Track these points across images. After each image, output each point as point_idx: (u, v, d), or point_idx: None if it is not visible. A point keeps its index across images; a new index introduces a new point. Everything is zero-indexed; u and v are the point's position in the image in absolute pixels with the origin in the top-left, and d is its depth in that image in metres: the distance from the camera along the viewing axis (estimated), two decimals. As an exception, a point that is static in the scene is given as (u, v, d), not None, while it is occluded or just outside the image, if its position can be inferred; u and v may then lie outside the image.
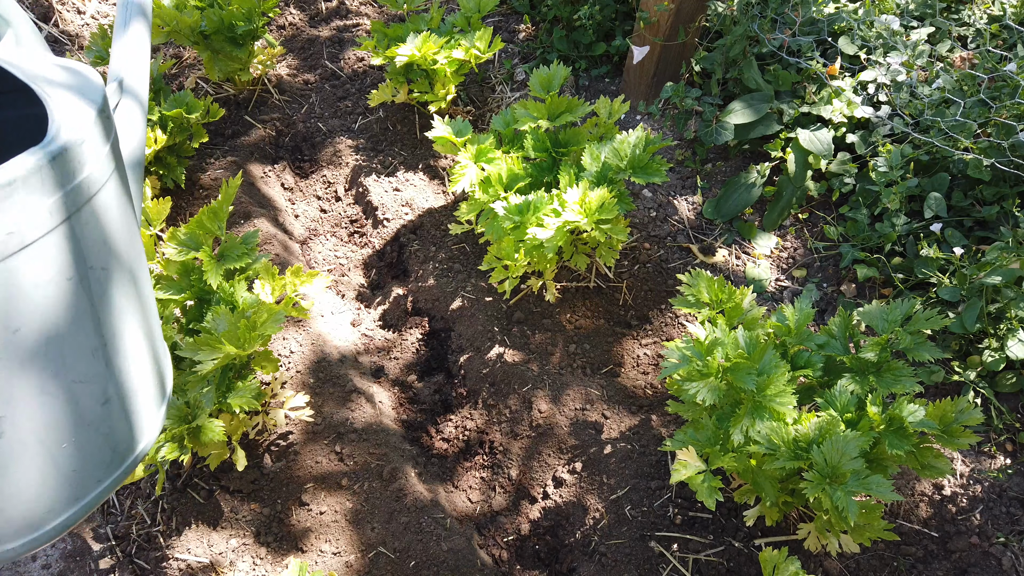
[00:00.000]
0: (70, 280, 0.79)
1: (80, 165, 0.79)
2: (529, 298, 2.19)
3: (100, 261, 0.84)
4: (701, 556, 1.71)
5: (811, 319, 1.57)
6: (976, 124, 2.03)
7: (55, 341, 0.79)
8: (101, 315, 0.85)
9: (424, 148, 2.63)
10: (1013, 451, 1.84)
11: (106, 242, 0.85)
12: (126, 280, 0.90)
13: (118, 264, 0.88)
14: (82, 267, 0.81)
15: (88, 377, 0.84)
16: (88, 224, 0.81)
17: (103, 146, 0.84)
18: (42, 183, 0.73)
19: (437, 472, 1.93)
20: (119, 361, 0.89)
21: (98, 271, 0.84)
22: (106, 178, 0.84)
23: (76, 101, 0.84)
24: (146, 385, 0.96)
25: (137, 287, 0.94)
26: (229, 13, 2.39)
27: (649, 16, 2.43)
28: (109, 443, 0.89)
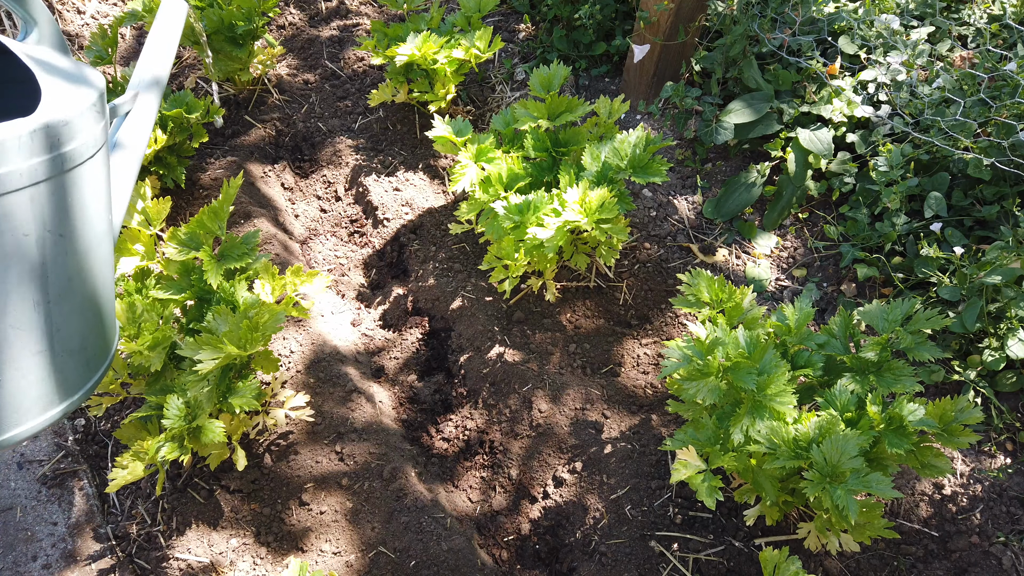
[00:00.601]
0: (27, 236, 0.89)
1: (57, 143, 0.90)
2: (529, 298, 2.19)
3: (59, 229, 0.94)
4: (701, 556, 1.71)
5: (811, 318, 1.57)
6: (976, 123, 2.03)
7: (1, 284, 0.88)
8: (51, 275, 0.94)
9: (424, 148, 2.63)
10: (1013, 450, 1.84)
11: (68, 214, 0.95)
12: (83, 252, 0.99)
13: (78, 236, 0.97)
14: (40, 229, 0.90)
15: (24, 325, 0.93)
16: (54, 194, 0.91)
17: (85, 133, 0.95)
18: (19, 149, 0.85)
19: (437, 472, 1.93)
20: (59, 321, 0.97)
21: (56, 236, 0.93)
22: (81, 161, 0.95)
23: (71, 92, 0.95)
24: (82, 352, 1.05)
25: (95, 261, 1.03)
26: (229, 13, 2.39)
27: (649, 16, 2.43)
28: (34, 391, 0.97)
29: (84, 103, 0.96)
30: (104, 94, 1.03)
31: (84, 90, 0.99)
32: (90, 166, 0.98)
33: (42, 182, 0.89)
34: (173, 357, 1.66)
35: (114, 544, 1.71)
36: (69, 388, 1.02)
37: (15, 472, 1.80)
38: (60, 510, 1.74)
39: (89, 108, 0.96)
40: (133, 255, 1.70)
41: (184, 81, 2.79)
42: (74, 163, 0.94)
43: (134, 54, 2.89)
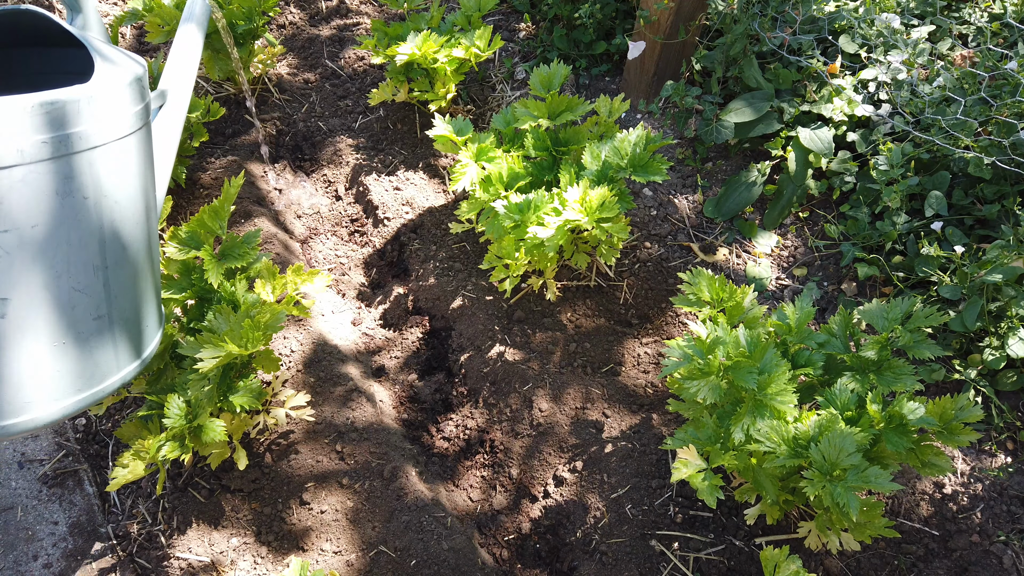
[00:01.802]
0: (87, 200, 0.94)
1: (113, 111, 0.96)
2: (530, 297, 2.19)
3: (115, 195, 0.99)
4: (702, 555, 1.71)
5: (812, 318, 1.57)
6: (977, 122, 2.03)
7: (64, 246, 0.93)
8: (107, 240, 0.98)
9: (424, 147, 2.63)
10: (1014, 449, 1.84)
11: (124, 182, 1.01)
12: (135, 223, 1.04)
13: (131, 206, 1.02)
14: (98, 193, 0.96)
15: (86, 288, 0.97)
16: (111, 160, 0.97)
17: (134, 105, 1.02)
18: (79, 112, 0.91)
19: (438, 471, 1.94)
20: (116, 288, 1.02)
21: (112, 202, 0.98)
22: (132, 131, 1.01)
23: (121, 68, 1.03)
24: (136, 322, 1.10)
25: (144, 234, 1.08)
26: (229, 12, 2.39)
27: (649, 14, 2.42)
28: (94, 357, 1.01)
29: (132, 75, 1.02)
30: (147, 72, 1.10)
31: (130, 66, 1.05)
32: (140, 136, 1.03)
33: (98, 147, 0.94)
34: (174, 356, 1.66)
35: (115, 543, 1.71)
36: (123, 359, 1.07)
37: (16, 471, 1.80)
38: (61, 509, 1.75)
39: (136, 80, 1.03)
40: (134, 254, 1.70)
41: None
42: (130, 130, 0.99)
43: (135, 53, 2.89)
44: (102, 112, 0.94)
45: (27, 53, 1.17)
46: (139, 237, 1.06)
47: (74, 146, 0.90)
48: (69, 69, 1.10)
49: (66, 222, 0.92)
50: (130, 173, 1.02)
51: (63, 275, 0.94)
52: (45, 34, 1.06)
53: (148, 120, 1.09)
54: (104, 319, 1.00)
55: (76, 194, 0.92)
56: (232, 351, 1.49)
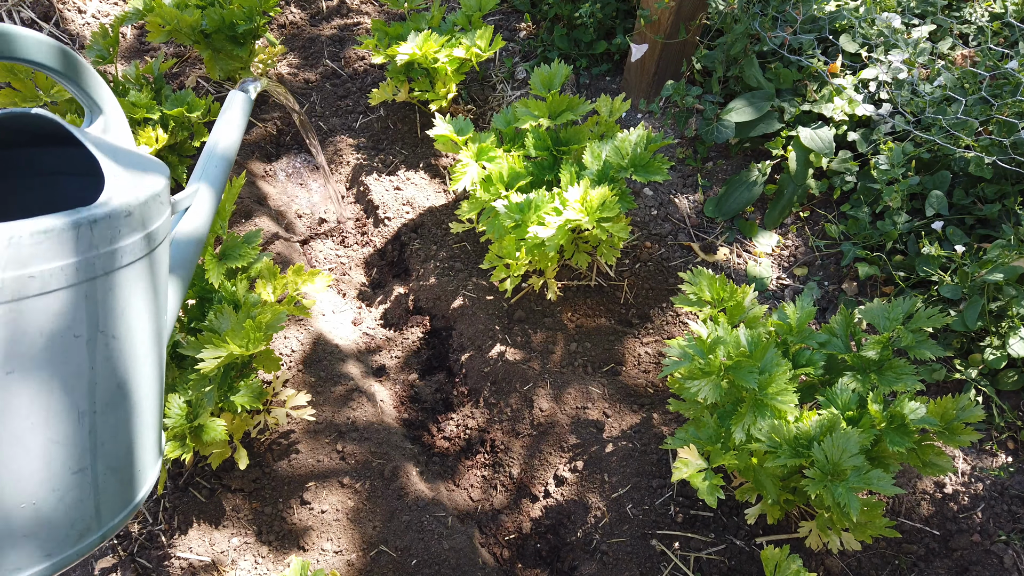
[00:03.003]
0: (77, 338, 0.80)
1: (118, 236, 0.83)
2: (530, 297, 2.19)
3: (112, 330, 0.85)
4: (703, 554, 1.71)
5: (812, 317, 1.57)
6: (978, 122, 2.03)
7: (44, 393, 0.78)
8: (100, 381, 0.84)
9: (425, 147, 2.63)
10: (1014, 449, 1.84)
11: (124, 314, 0.86)
12: (135, 357, 0.90)
13: (131, 338, 0.88)
14: (92, 329, 0.82)
15: (66, 439, 0.82)
16: (111, 291, 0.83)
17: (146, 227, 0.88)
18: (76, 240, 0.77)
19: (438, 470, 1.94)
20: (104, 435, 0.87)
21: (108, 338, 0.84)
22: (141, 255, 0.87)
23: (134, 181, 0.88)
24: (125, 470, 0.92)
25: (145, 367, 0.93)
26: (230, 12, 2.39)
27: (650, 14, 2.42)
28: (69, 517, 0.85)
29: (148, 192, 0.89)
30: (169, 184, 0.96)
31: (149, 179, 0.91)
32: (151, 260, 0.90)
33: (100, 277, 0.81)
34: (175, 356, 1.66)
35: (115, 543, 1.71)
36: (106, 512, 0.90)
37: (17, 471, 1.80)
38: (62, 509, 1.75)
39: (153, 198, 0.89)
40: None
41: (185, 80, 2.79)
42: (135, 256, 0.86)
43: (135, 53, 2.89)
44: (108, 237, 0.81)
45: (42, 152, 1.05)
46: (141, 370, 0.93)
47: (68, 279, 0.77)
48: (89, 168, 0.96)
49: (49, 366, 0.78)
50: (137, 301, 0.89)
51: (39, 427, 0.79)
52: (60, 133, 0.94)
53: (167, 234, 0.97)
54: (86, 471, 0.85)
55: (65, 333, 0.78)
56: (233, 351, 1.49)
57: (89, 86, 0.93)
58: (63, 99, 2.16)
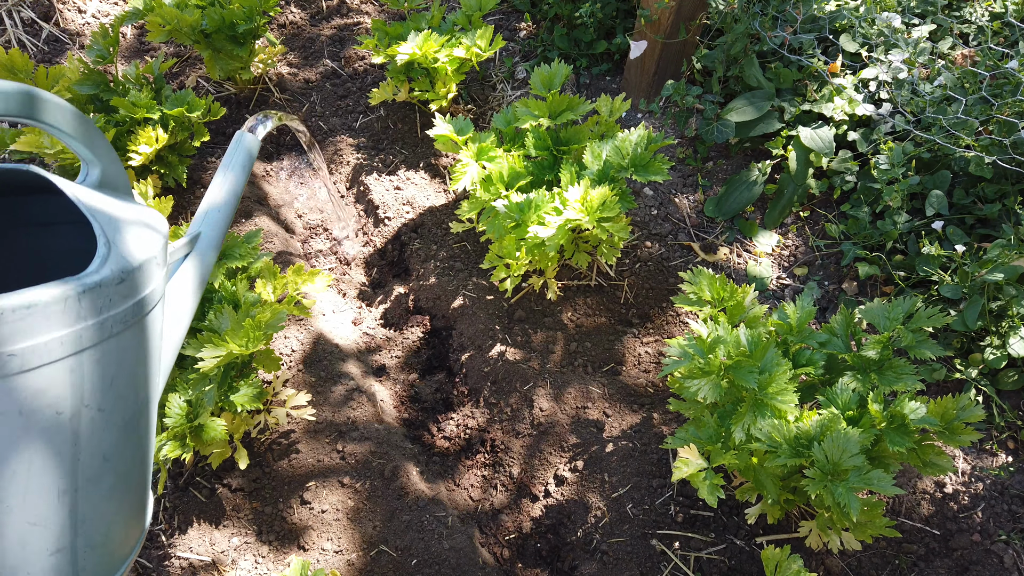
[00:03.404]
0: (60, 415, 0.74)
1: (108, 305, 0.77)
2: (530, 296, 2.19)
3: (99, 402, 0.78)
4: (703, 554, 1.71)
5: (812, 317, 1.57)
6: (978, 121, 2.03)
7: (22, 474, 0.72)
8: (83, 457, 0.78)
9: (425, 147, 2.63)
10: (1015, 449, 1.84)
11: (113, 384, 0.80)
12: (123, 426, 0.84)
13: (119, 409, 0.82)
14: (77, 404, 0.75)
15: (44, 520, 0.76)
16: (99, 362, 0.77)
17: (139, 292, 0.82)
18: (63, 313, 0.71)
19: (438, 470, 1.94)
20: (86, 510, 0.80)
21: (94, 411, 0.78)
22: (133, 322, 0.81)
23: (129, 244, 0.83)
24: (107, 544, 0.85)
25: (134, 434, 0.86)
26: (230, 12, 2.39)
27: (650, 14, 2.42)
28: None
29: (142, 255, 0.83)
30: (167, 243, 0.91)
31: (145, 239, 0.85)
32: (141, 326, 0.84)
33: (86, 350, 0.74)
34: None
35: (116, 543, 1.71)
36: None
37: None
38: (62, 509, 1.75)
39: (147, 261, 0.84)
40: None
41: (185, 80, 2.79)
42: (125, 325, 0.79)
43: (135, 53, 2.89)
44: (97, 307, 0.75)
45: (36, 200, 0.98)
46: (129, 439, 0.85)
47: (53, 355, 0.71)
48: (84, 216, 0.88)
49: (28, 446, 0.72)
50: (128, 369, 0.82)
51: (15, 509, 0.72)
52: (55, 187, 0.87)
53: (163, 293, 0.91)
54: (65, 552, 0.79)
55: (46, 411, 0.72)
56: (233, 351, 1.49)
57: (87, 139, 0.88)
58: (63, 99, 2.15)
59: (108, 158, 0.92)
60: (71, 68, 2.17)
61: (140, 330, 0.84)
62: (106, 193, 0.91)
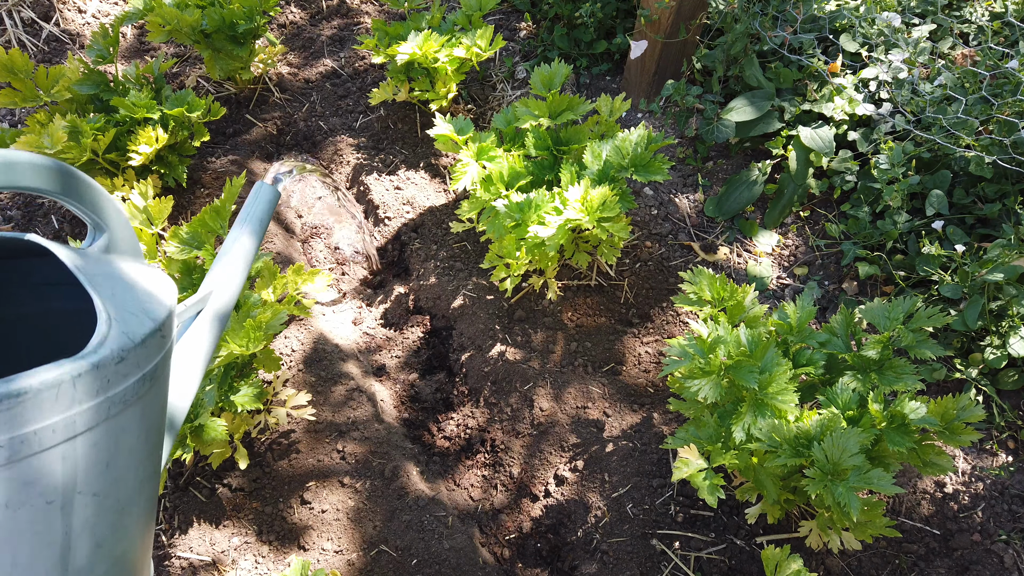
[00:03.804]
0: (50, 504, 0.68)
1: (106, 386, 0.71)
2: (530, 296, 2.19)
3: (93, 487, 0.73)
4: (703, 554, 1.71)
5: (813, 317, 1.57)
6: (978, 121, 2.03)
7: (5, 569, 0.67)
8: (75, 546, 0.72)
9: (425, 146, 2.63)
10: (1015, 448, 1.84)
11: (110, 466, 0.74)
12: (119, 509, 0.78)
13: (116, 491, 0.76)
14: (69, 491, 0.69)
15: None
16: (95, 446, 0.71)
17: (142, 369, 0.77)
18: (56, 400, 0.66)
19: (439, 470, 1.94)
20: None
21: (88, 496, 0.72)
22: (134, 400, 0.76)
23: (134, 317, 0.77)
24: None
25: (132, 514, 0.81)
26: (230, 12, 2.39)
27: (650, 14, 2.42)
28: None
29: (147, 328, 0.77)
30: (174, 312, 0.85)
31: (151, 310, 0.80)
32: (144, 401, 0.78)
33: (80, 435, 0.69)
34: (175, 356, 1.66)
35: (116, 542, 1.71)
36: None
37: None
38: (62, 509, 1.75)
39: (152, 335, 0.77)
40: (135, 254, 1.70)
41: (185, 80, 2.79)
42: (124, 404, 0.74)
43: (135, 53, 2.89)
44: (94, 390, 0.69)
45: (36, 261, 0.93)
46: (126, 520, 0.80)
47: (42, 444, 0.65)
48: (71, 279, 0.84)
49: (14, 540, 0.66)
50: (127, 449, 0.76)
51: None
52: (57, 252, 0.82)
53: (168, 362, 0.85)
54: None
55: (34, 502, 0.66)
56: (233, 351, 1.49)
57: (92, 203, 0.83)
58: (63, 99, 2.16)
59: (117, 221, 0.87)
60: (71, 68, 2.17)
61: (142, 407, 0.78)
62: (113, 258, 0.86)
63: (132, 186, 2.14)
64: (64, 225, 2.37)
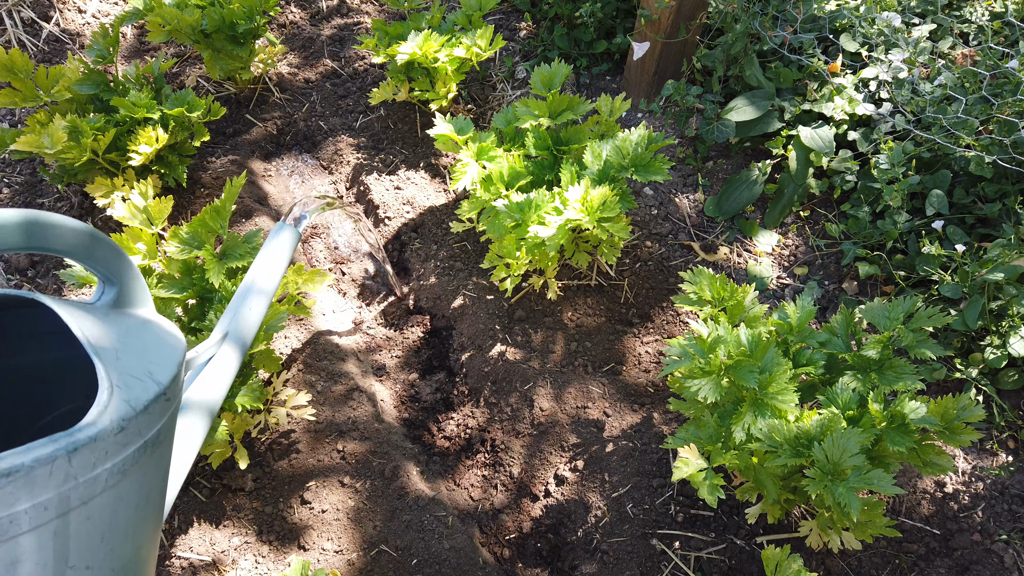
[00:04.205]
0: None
1: (104, 458, 0.67)
2: (530, 296, 2.19)
3: (87, 560, 0.69)
4: (703, 554, 1.71)
5: (813, 316, 1.57)
6: (978, 121, 2.03)
7: None
8: None
9: (425, 146, 2.63)
10: (1015, 448, 1.84)
11: (104, 540, 0.71)
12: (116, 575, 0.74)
13: (111, 561, 0.72)
14: (60, 566, 0.66)
15: None
16: (89, 520, 0.68)
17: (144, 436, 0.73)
18: (49, 477, 0.62)
19: (439, 470, 1.94)
20: None
21: (80, 571, 0.69)
22: (132, 467, 0.72)
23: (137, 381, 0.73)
24: None
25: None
26: (230, 12, 2.39)
27: (650, 13, 2.42)
28: None
29: (151, 392, 0.74)
30: (182, 367, 0.82)
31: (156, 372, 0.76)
32: (144, 468, 0.74)
33: (75, 508, 0.65)
34: (175, 356, 1.66)
35: (116, 542, 1.71)
36: None
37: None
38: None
39: (157, 398, 0.74)
40: (135, 254, 1.70)
41: (185, 80, 2.79)
42: (122, 475, 0.70)
43: (135, 53, 2.89)
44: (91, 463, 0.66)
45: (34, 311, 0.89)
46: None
47: (33, 522, 0.62)
48: None
49: None
50: (124, 519, 0.72)
51: None
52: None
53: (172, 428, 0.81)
54: None
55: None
56: (233, 350, 1.49)
57: (107, 261, 0.80)
58: (63, 99, 2.16)
59: (127, 275, 0.84)
60: (71, 68, 2.17)
61: (142, 473, 0.74)
62: (121, 313, 0.83)
63: (132, 186, 2.14)
64: (64, 225, 2.36)
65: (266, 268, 1.18)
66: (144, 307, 0.87)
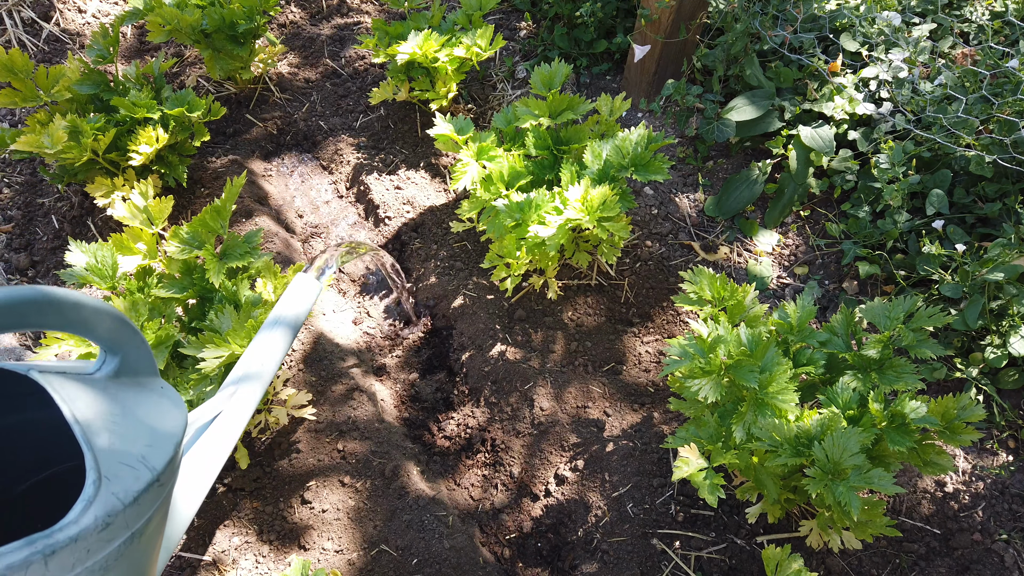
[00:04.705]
0: None
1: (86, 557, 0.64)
2: (531, 296, 2.19)
3: None
4: (703, 553, 1.71)
5: (813, 316, 1.57)
6: (978, 120, 2.03)
7: None
8: None
9: (425, 146, 2.63)
10: (1015, 448, 1.84)
11: None
12: None
13: None
14: None
15: None
16: None
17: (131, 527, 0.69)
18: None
19: (439, 470, 1.94)
20: None
21: None
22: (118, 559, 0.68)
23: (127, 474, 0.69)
24: None
25: None
26: (230, 11, 2.39)
27: (650, 13, 2.42)
28: None
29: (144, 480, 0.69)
30: (180, 448, 0.78)
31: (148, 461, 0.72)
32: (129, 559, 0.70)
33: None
34: (176, 356, 1.66)
35: (117, 542, 1.71)
36: None
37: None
38: (63, 508, 1.75)
39: (146, 490, 0.70)
40: (135, 254, 1.70)
41: (185, 80, 2.79)
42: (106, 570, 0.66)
43: (135, 53, 2.89)
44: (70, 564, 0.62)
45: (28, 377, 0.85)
46: None
47: None
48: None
49: None
50: None
51: None
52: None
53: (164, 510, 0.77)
54: None
55: None
56: (234, 351, 1.49)
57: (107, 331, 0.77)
58: (63, 99, 2.16)
59: (131, 343, 0.81)
60: (71, 68, 2.17)
61: (127, 562, 0.70)
62: (120, 386, 0.80)
63: (132, 186, 2.14)
64: (64, 225, 2.37)
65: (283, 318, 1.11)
66: (148, 376, 0.84)
